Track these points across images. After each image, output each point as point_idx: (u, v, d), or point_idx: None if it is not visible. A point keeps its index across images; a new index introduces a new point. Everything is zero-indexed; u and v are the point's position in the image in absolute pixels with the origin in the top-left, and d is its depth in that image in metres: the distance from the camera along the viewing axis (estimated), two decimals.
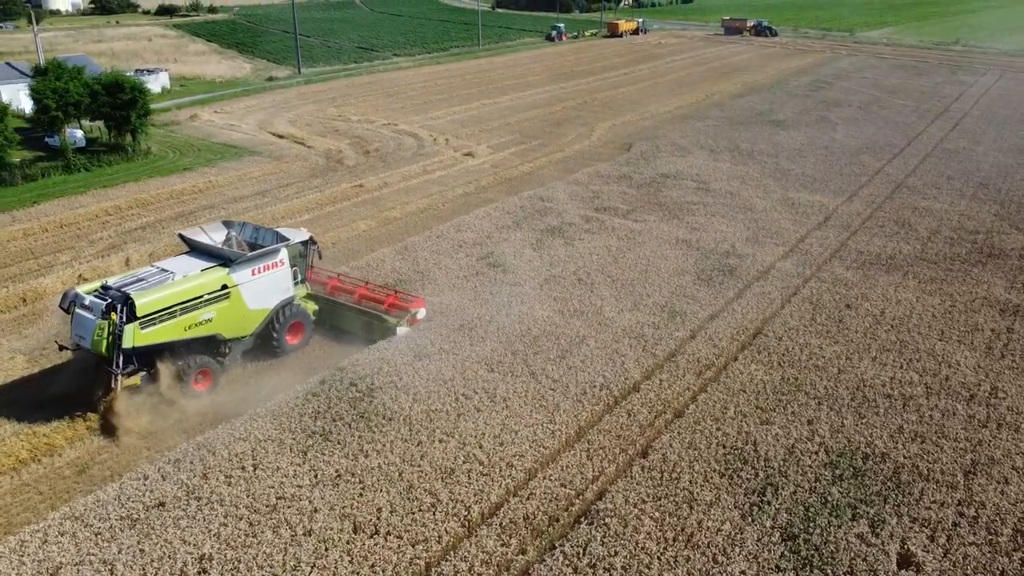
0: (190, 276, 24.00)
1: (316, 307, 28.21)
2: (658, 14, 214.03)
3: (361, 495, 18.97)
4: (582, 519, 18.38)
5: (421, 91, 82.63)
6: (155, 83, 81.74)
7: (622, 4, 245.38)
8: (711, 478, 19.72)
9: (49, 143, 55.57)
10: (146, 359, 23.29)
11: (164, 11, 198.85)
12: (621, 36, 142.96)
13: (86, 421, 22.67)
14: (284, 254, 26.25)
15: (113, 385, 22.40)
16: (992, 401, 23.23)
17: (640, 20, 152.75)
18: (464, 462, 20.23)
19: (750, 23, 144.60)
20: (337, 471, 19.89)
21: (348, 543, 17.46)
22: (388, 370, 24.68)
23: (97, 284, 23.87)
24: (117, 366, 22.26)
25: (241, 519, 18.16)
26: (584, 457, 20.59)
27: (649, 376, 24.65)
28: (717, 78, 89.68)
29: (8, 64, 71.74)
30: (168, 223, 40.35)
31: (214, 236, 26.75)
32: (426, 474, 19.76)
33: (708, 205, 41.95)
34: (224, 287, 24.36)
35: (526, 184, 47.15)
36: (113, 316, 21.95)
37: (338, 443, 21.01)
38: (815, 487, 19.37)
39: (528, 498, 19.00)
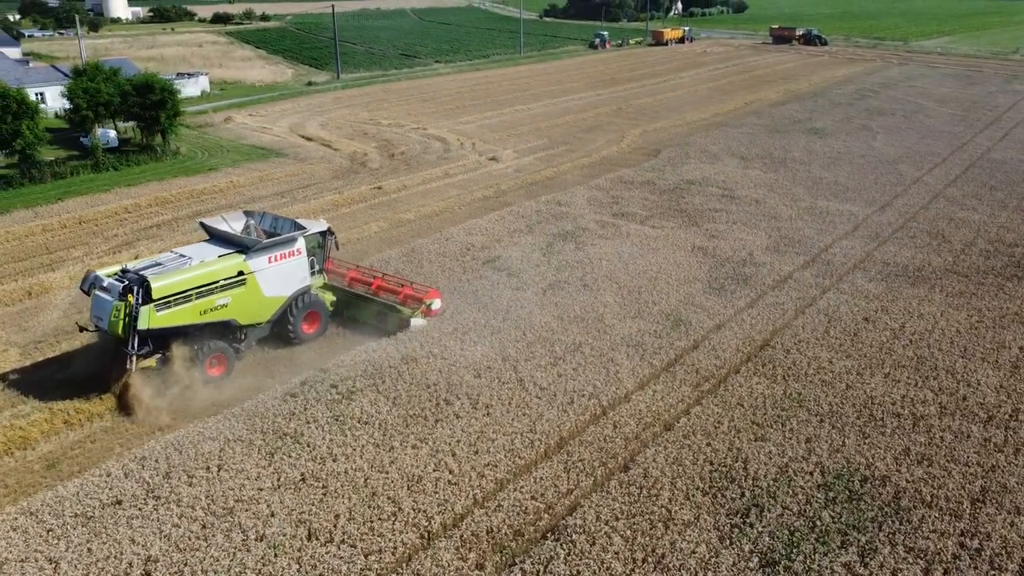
0: (207, 262, 24.24)
1: (334, 298, 28.14)
2: (708, 23, 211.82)
3: (322, 500, 18.23)
4: (548, 535, 17.33)
5: (456, 96, 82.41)
6: (194, 86, 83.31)
7: (672, 13, 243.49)
8: (692, 496, 18.47)
9: (84, 143, 56.54)
10: (161, 342, 23.53)
11: (219, 19, 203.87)
12: (666, 44, 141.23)
13: (64, 416, 22.41)
14: (301, 243, 26.29)
15: (128, 366, 22.66)
16: (1012, 424, 21.46)
17: (686, 29, 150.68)
18: (434, 470, 19.35)
19: (799, 32, 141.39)
20: (302, 474, 19.20)
21: (299, 550, 16.70)
22: (372, 372, 24.00)
23: (117, 267, 24.31)
24: (132, 347, 22.51)
25: (195, 521, 17.56)
26: (561, 469, 19.52)
27: (643, 386, 23.46)
28: (758, 86, 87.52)
29: (53, 67, 73.67)
30: (184, 221, 40.45)
31: (233, 224, 26.94)
32: (392, 481, 18.93)
33: (731, 212, 40.45)
34: (240, 273, 24.56)
35: (546, 189, 46.23)
36: (130, 298, 22.27)
37: (308, 446, 20.32)
38: (804, 510, 17.98)
39: (495, 510, 18.01)
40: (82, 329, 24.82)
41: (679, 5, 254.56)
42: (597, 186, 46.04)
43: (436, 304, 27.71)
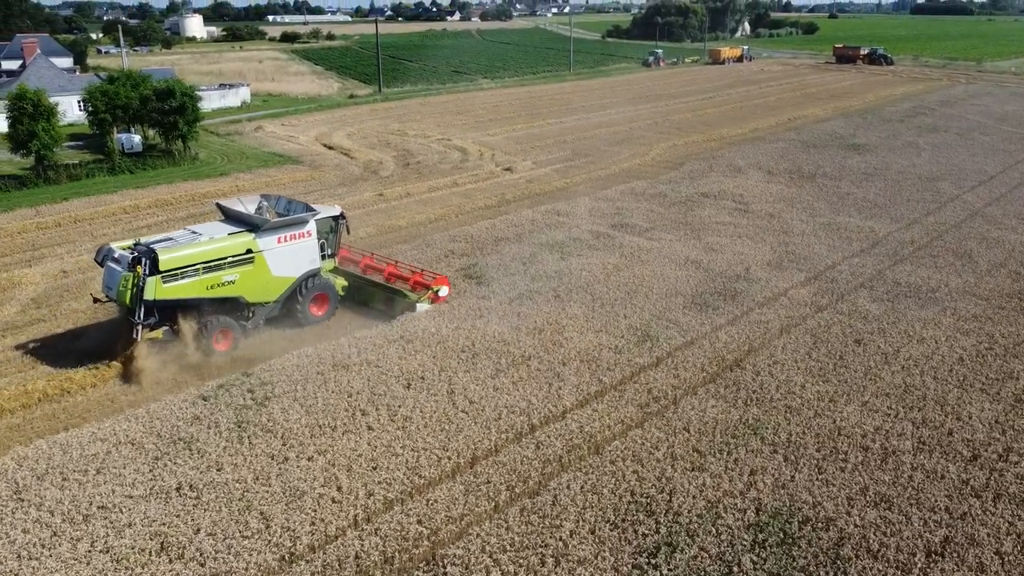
0: (216, 238, 24.87)
1: (346, 283, 28.45)
2: (775, 44, 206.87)
3: (189, 512, 16.62)
4: (421, 564, 15.30)
5: (491, 110, 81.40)
6: (235, 97, 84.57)
7: (740, 34, 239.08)
8: (599, 530, 16.17)
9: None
10: (169, 314, 24.15)
11: (287, 38, 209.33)
12: (723, 63, 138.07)
13: None
14: (312, 226, 26.69)
15: (135, 335, 23.39)
16: (999, 465, 18.41)
17: (745, 48, 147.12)
18: (322, 485, 17.55)
19: (863, 51, 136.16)
20: (180, 483, 17.65)
21: (142, 565, 15.10)
22: (297, 378, 22.44)
23: (131, 241, 25.13)
24: (139, 317, 23.29)
25: (48, 527, 16.16)
26: (461, 491, 17.46)
27: (583, 404, 21.23)
28: (807, 103, 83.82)
29: (96, 75, 75.58)
30: (177, 223, 39.83)
31: (248, 206, 27.48)
32: (272, 495, 17.20)
33: (739, 226, 37.74)
34: (248, 251, 25.05)
35: (552, 199, 44.28)
36: (138, 269, 22.98)
37: (198, 452, 18.80)
38: (724, 552, 15.47)
39: (372, 533, 16.07)
40: (95, 300, 25.64)
41: (747, 26, 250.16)
42: (604, 197, 43.86)
43: (443, 291, 28.02)
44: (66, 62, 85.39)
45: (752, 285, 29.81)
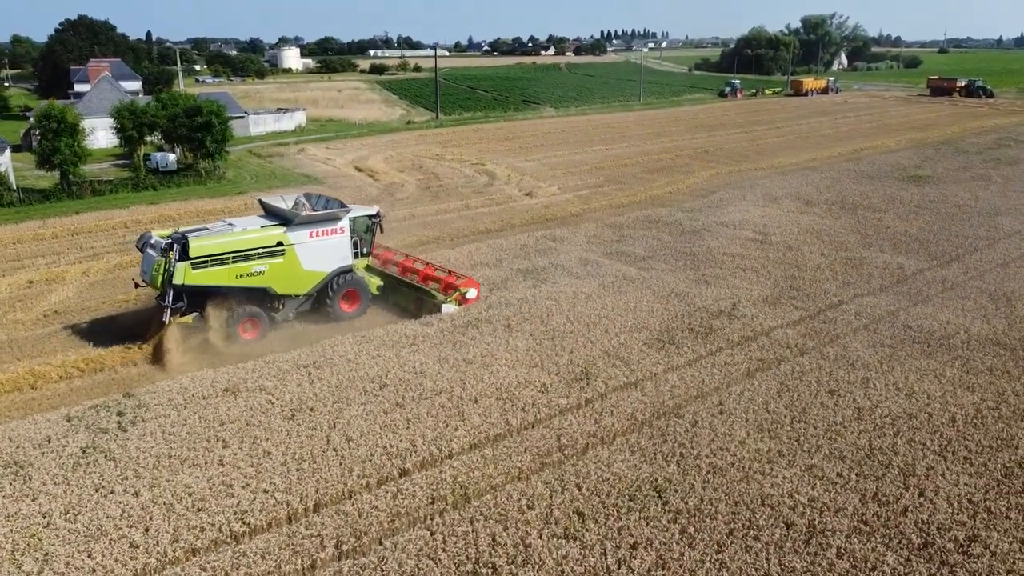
0: (248, 229, 25.60)
1: (381, 282, 28.97)
2: (870, 76, 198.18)
3: None
4: None
5: (540, 137, 79.40)
6: (289, 121, 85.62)
7: (836, 66, 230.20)
8: None
9: (147, 165, 58.32)
10: (199, 300, 24.87)
11: (375, 70, 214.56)
12: (805, 95, 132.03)
13: None
14: (345, 223, 27.15)
15: (164, 318, 24.31)
16: (954, 559, 14.44)
17: (830, 79, 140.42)
18: (129, 525, 15.36)
19: (960, 83, 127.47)
20: None
21: None
22: (179, 402, 20.50)
23: (171, 230, 25.90)
24: (168, 300, 24.21)
25: None
26: (280, 544, 14.92)
27: (472, 449, 18.36)
28: (880, 134, 78.02)
29: (143, 96, 77.88)
30: None
31: (287, 202, 27.96)
32: (71, 533, 15.10)
33: (748, 258, 33.97)
34: (279, 244, 25.61)
35: (560, 224, 41.57)
36: (169, 255, 23.99)
37: (24, 479, 16.98)
38: None
39: None
40: (136, 285, 26.50)
41: (844, 59, 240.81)
42: (614, 223, 40.78)
43: (471, 293, 27.98)
44: (134, 85, 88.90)
45: (733, 322, 26.22)
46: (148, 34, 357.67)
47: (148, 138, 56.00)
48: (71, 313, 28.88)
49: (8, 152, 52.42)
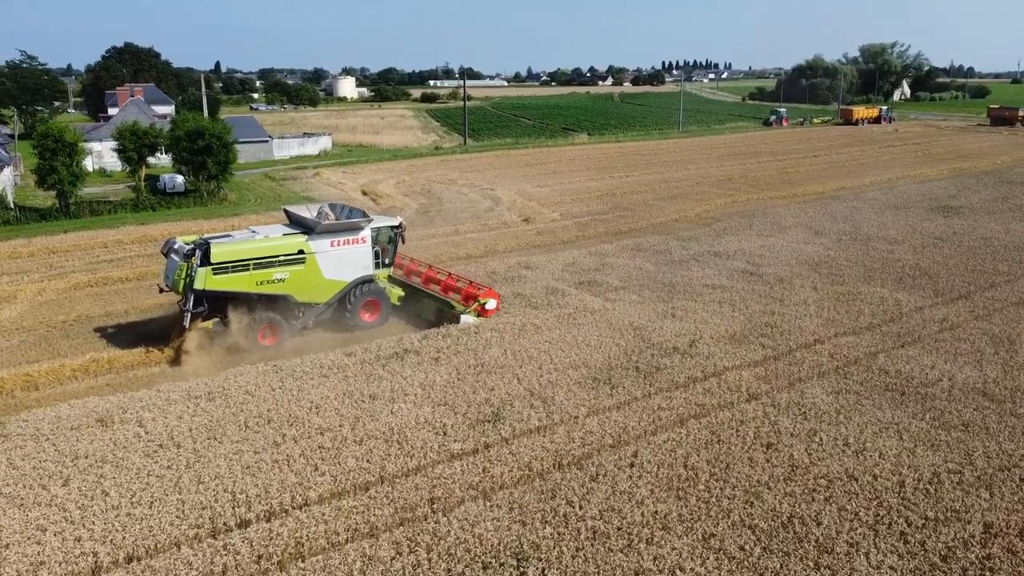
0: (270, 237, 25.89)
1: (402, 293, 29.06)
2: (932, 106, 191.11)
3: None
4: None
5: (563, 163, 77.58)
6: (314, 146, 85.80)
7: (898, 96, 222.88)
8: None
9: (156, 186, 58.44)
10: (219, 305, 25.02)
11: (426, 99, 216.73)
12: (856, 123, 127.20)
13: None
14: (367, 233, 27.23)
15: (184, 323, 24.60)
16: None
17: (883, 108, 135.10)
18: None
19: (1023, 112, 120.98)
20: None
21: None
22: (46, 432, 18.98)
23: (195, 237, 26.41)
24: (188, 305, 24.43)
25: None
26: None
27: (332, 498, 16.23)
28: (923, 163, 73.70)
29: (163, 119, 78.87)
30: (142, 260, 38.73)
31: (311, 211, 28.38)
32: None
33: (729, 290, 31.19)
34: (300, 252, 25.81)
35: (543, 251, 39.43)
36: (191, 260, 24.25)
37: None
38: None
39: None
40: (160, 290, 26.98)
41: (906, 89, 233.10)
42: (597, 251, 38.40)
43: (491, 304, 27.61)
44: (167, 109, 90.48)
45: (685, 361, 23.56)
46: (217, 64, 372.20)
47: (152, 159, 55.97)
48: (6, 333, 27.96)
49: (7, 170, 52.94)
